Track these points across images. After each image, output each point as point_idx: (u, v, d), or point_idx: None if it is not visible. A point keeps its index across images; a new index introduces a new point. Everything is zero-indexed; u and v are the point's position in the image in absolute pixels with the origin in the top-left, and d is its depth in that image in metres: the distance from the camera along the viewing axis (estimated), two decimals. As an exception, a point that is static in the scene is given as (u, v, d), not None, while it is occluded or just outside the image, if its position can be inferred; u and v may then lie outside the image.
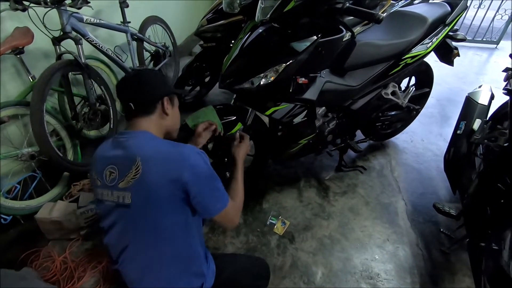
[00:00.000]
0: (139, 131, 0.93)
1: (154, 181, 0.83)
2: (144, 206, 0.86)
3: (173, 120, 1.03)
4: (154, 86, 0.98)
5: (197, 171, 0.85)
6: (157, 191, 0.84)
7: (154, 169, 0.84)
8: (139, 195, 0.86)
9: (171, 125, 1.03)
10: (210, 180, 0.89)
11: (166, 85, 1.02)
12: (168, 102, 0.99)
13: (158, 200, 0.84)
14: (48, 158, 1.57)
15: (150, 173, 0.83)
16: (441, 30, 1.68)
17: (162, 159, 0.85)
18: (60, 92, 1.84)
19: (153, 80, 0.98)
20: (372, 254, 1.52)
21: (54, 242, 1.54)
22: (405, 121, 2.18)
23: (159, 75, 1.04)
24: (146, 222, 0.88)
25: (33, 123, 1.49)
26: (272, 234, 1.61)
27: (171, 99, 1.01)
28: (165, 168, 0.84)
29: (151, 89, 0.97)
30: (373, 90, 1.67)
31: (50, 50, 1.75)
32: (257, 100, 1.37)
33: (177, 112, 1.06)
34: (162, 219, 0.87)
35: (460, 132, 1.56)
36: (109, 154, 0.92)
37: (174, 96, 1.04)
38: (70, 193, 1.75)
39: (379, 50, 1.55)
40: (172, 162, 0.84)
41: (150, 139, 0.91)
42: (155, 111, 0.96)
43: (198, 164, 0.86)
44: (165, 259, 0.89)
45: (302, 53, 1.20)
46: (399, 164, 2.11)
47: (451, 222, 1.61)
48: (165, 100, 0.97)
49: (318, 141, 1.67)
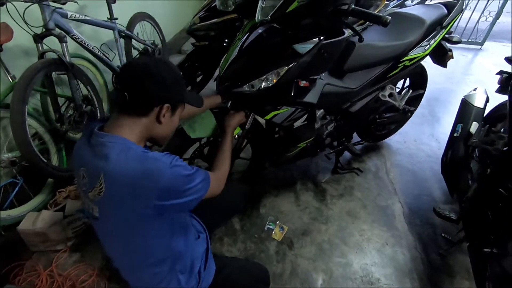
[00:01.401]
0: (116, 136, 0.78)
1: (118, 203, 0.75)
2: (112, 224, 0.81)
3: (166, 130, 0.89)
4: (163, 85, 0.80)
5: (171, 193, 0.77)
6: (123, 214, 0.77)
7: (119, 191, 0.74)
8: (105, 212, 0.80)
9: (161, 134, 0.89)
10: (187, 189, 0.81)
11: (177, 89, 0.85)
12: (169, 110, 0.84)
13: (125, 221, 0.78)
14: (30, 164, 1.46)
15: (114, 194, 0.75)
16: (438, 32, 1.68)
17: (129, 182, 0.73)
18: (43, 93, 1.72)
19: (165, 77, 0.81)
20: (372, 258, 1.51)
21: (39, 254, 1.45)
22: (400, 122, 2.18)
23: (176, 74, 0.85)
24: (115, 237, 0.85)
25: (14, 126, 1.38)
26: (270, 240, 1.57)
27: (175, 107, 0.87)
28: (132, 193, 0.73)
29: (157, 87, 0.79)
30: (371, 92, 1.65)
31: (32, 48, 1.64)
32: (257, 104, 1.31)
33: (174, 123, 0.90)
34: (133, 237, 0.82)
35: (457, 135, 1.56)
36: (84, 153, 0.81)
37: (180, 105, 0.90)
38: (55, 200, 1.65)
39: (378, 52, 1.53)
40: (139, 188, 0.73)
41: (123, 150, 0.75)
42: (149, 114, 0.82)
43: (170, 184, 0.76)
44: (146, 264, 0.86)
45: (305, 55, 1.16)
46: (393, 165, 2.11)
47: (448, 224, 1.62)
48: (165, 107, 0.83)
49: (316, 144, 1.64)
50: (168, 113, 0.85)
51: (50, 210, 1.53)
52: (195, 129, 1.28)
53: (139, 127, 0.82)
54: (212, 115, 1.33)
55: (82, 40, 1.84)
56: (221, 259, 1.09)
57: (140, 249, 0.84)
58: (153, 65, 0.80)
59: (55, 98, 1.68)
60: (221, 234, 1.58)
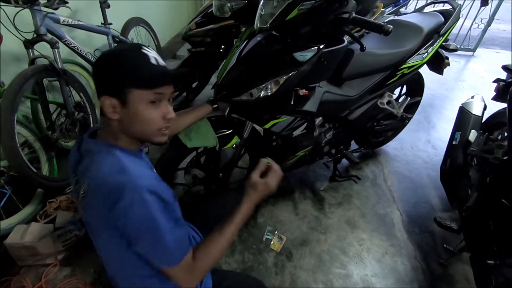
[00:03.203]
0: (99, 142, 0.74)
1: (95, 213, 0.70)
2: (92, 233, 0.78)
3: (136, 125, 0.72)
4: (104, 74, 0.70)
5: (130, 217, 0.65)
6: (96, 226, 0.73)
7: (95, 201, 0.68)
8: (87, 220, 0.76)
9: (136, 131, 0.73)
10: (150, 230, 0.66)
11: (118, 76, 0.68)
12: (110, 102, 0.69)
13: (100, 235, 0.74)
14: (19, 174, 1.40)
15: (91, 203, 0.69)
16: (436, 40, 1.68)
17: (102, 194, 0.66)
18: (33, 100, 1.67)
19: (109, 64, 0.69)
20: (372, 269, 1.48)
21: (27, 269, 1.38)
22: (397, 129, 2.18)
23: (127, 57, 0.69)
24: (103, 247, 0.79)
25: (2, 135, 1.32)
26: (268, 251, 1.53)
27: (124, 97, 0.69)
28: (101, 206, 0.66)
29: (99, 77, 0.71)
30: (369, 100, 1.64)
31: (22, 54, 1.58)
32: (255, 113, 1.29)
33: (141, 114, 0.71)
34: (118, 249, 0.73)
35: (455, 142, 1.55)
36: (74, 160, 0.77)
37: (130, 91, 0.69)
38: (45, 211, 1.59)
39: (377, 60, 1.52)
40: (106, 203, 0.65)
41: (105, 157, 0.70)
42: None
43: (130, 212, 0.64)
44: (138, 275, 0.78)
45: (305, 64, 1.14)
46: (391, 172, 2.10)
47: (447, 233, 1.60)
48: (104, 99, 0.69)
49: (315, 153, 1.61)
50: (114, 105, 0.70)
51: (39, 222, 1.47)
52: (192, 138, 1.25)
53: (110, 127, 0.74)
54: (208, 123, 1.29)
55: (74, 45, 1.80)
56: (220, 273, 1.05)
57: (130, 260, 0.76)
58: (107, 54, 0.71)
59: (46, 105, 1.62)
60: (218, 245, 1.54)
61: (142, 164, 0.76)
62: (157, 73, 0.70)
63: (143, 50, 0.71)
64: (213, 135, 1.29)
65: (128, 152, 0.74)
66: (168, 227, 0.68)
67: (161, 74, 0.71)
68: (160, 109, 0.73)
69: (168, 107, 0.75)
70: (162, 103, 0.74)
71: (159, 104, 0.73)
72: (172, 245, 0.69)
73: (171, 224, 0.69)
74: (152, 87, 0.70)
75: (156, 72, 0.70)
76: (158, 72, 0.71)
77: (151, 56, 0.71)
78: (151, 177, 0.72)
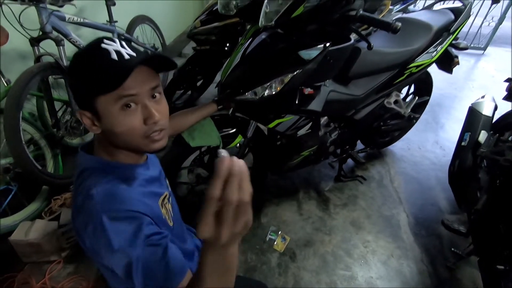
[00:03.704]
0: (95, 159, 0.67)
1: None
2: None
3: (115, 135, 0.61)
4: (72, 85, 0.63)
5: (89, 231, 0.57)
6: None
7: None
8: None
9: (119, 142, 0.63)
10: (108, 252, 0.55)
11: (80, 85, 0.60)
12: (85, 116, 0.61)
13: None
14: (24, 171, 1.41)
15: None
16: (445, 38, 1.64)
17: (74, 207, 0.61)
18: (39, 97, 1.67)
19: (73, 72, 0.60)
20: (377, 271, 1.46)
21: (32, 266, 1.39)
22: (404, 129, 2.14)
23: (83, 59, 0.59)
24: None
25: (7, 132, 1.33)
26: (272, 251, 1.52)
27: (94, 109, 0.59)
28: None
29: (71, 90, 0.64)
30: (376, 99, 1.61)
31: (28, 52, 1.59)
32: (259, 112, 1.27)
33: (116, 121, 0.59)
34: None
35: (464, 143, 1.51)
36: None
37: (96, 100, 0.58)
38: (50, 208, 1.59)
39: (384, 59, 1.49)
40: (75, 216, 0.60)
41: (83, 172, 0.64)
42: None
43: (84, 229, 0.57)
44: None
45: (310, 62, 1.12)
46: (398, 173, 2.07)
47: (455, 235, 1.56)
48: (80, 114, 0.62)
49: (320, 153, 1.59)
50: (91, 119, 0.62)
51: (44, 219, 1.48)
52: (195, 137, 1.24)
53: (100, 142, 0.67)
54: (212, 122, 1.28)
55: (80, 43, 1.80)
56: None
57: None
58: (72, 61, 0.61)
59: (51, 102, 1.63)
60: (221, 245, 1.52)
61: (134, 185, 0.66)
62: (116, 69, 0.56)
63: (103, 45, 0.57)
64: (216, 134, 1.28)
65: (124, 167, 0.67)
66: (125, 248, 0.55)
67: (120, 69, 0.56)
68: (138, 113, 0.60)
69: (148, 109, 0.60)
70: (139, 106, 0.60)
71: (136, 108, 0.60)
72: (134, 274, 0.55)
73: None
74: (113, 88, 0.56)
75: (115, 69, 0.56)
76: (117, 68, 0.56)
77: (113, 49, 0.57)
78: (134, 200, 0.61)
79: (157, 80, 0.63)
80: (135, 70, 0.57)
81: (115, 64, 0.56)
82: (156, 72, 0.63)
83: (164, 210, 0.71)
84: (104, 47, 0.57)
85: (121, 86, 0.56)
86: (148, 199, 0.66)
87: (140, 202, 0.61)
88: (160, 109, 0.63)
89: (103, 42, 0.58)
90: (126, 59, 0.57)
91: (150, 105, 0.61)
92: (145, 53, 0.61)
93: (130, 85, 0.57)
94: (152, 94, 0.62)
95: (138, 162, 0.71)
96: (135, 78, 0.58)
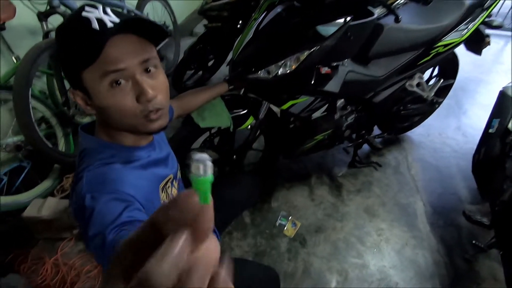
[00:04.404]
0: (95, 139, 0.64)
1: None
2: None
3: (107, 115, 0.57)
4: (59, 61, 0.61)
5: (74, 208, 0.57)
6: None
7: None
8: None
9: (113, 122, 0.58)
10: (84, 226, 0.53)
11: (65, 61, 0.56)
12: (77, 95, 0.58)
13: None
14: (34, 149, 1.41)
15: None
16: (478, 15, 1.49)
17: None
18: (49, 75, 1.65)
19: (58, 47, 0.56)
20: (390, 260, 1.41)
21: (45, 242, 1.41)
22: (425, 114, 2.02)
23: (65, 31, 0.55)
24: None
25: (17, 110, 1.32)
26: (282, 236, 1.49)
27: (82, 86, 0.55)
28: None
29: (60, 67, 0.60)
30: (398, 81, 1.50)
31: (37, 27, 1.55)
32: (272, 92, 1.20)
33: (102, 100, 0.55)
34: None
35: (492, 130, 1.41)
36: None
37: (82, 76, 0.54)
38: (62, 186, 1.61)
39: (409, 37, 1.37)
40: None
41: (82, 153, 0.62)
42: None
43: (74, 209, 0.57)
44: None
45: (329, 38, 1.03)
46: (416, 160, 1.97)
47: (474, 227, 1.49)
48: (71, 93, 0.59)
49: (334, 137, 1.52)
50: (83, 98, 0.58)
51: (56, 197, 1.50)
52: (205, 117, 1.19)
53: (98, 122, 0.63)
54: (223, 103, 1.22)
55: (89, 19, 1.75)
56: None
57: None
58: (55, 34, 0.57)
59: (61, 80, 1.60)
60: (231, 228, 1.51)
61: (134, 169, 0.62)
62: (94, 39, 0.49)
63: (83, 14, 0.51)
64: (227, 115, 1.23)
65: (122, 149, 0.63)
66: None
67: (98, 38, 0.49)
68: (128, 90, 0.54)
69: (140, 85, 0.54)
70: (130, 82, 0.54)
71: (127, 84, 0.54)
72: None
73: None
74: (91, 61, 0.50)
75: (93, 39, 0.49)
76: (96, 37, 0.49)
77: (94, 17, 0.50)
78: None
79: (150, 51, 0.55)
80: (121, 40, 0.51)
81: (94, 34, 0.50)
82: (150, 42, 0.56)
83: (164, 195, 0.68)
84: (85, 16, 0.51)
85: (105, 60, 0.50)
86: (147, 181, 0.62)
87: (131, 185, 0.57)
88: (156, 85, 0.56)
89: (84, 10, 0.52)
90: (109, 27, 0.50)
91: (143, 81, 0.54)
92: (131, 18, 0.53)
93: (115, 58, 0.51)
94: (146, 68, 0.55)
95: (139, 143, 0.66)
96: (121, 49, 0.51)
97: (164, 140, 0.81)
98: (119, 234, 0.48)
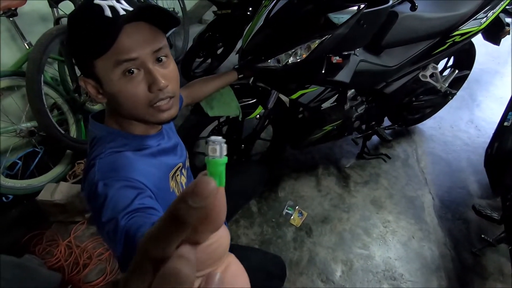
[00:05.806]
0: (105, 128, 0.64)
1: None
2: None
3: (118, 104, 0.57)
4: (69, 49, 0.60)
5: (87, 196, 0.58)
6: None
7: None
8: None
9: (123, 111, 0.59)
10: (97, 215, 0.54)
11: (77, 49, 0.56)
12: (88, 84, 0.58)
13: None
14: (47, 134, 1.44)
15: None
16: (499, 2, 1.43)
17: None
18: (60, 62, 1.67)
19: (69, 35, 0.56)
20: (396, 252, 1.42)
21: (58, 225, 1.46)
22: (438, 106, 1.97)
23: (77, 19, 0.54)
24: None
25: (30, 96, 1.34)
26: (288, 225, 1.50)
27: (94, 75, 0.55)
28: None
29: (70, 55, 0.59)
30: (410, 72, 1.47)
31: (49, 13, 1.56)
32: (282, 81, 1.19)
33: (114, 89, 0.55)
34: None
35: (508, 124, 1.37)
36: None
37: (94, 65, 0.54)
38: (74, 172, 1.65)
39: (424, 25, 1.33)
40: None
41: (93, 141, 0.63)
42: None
43: (86, 197, 0.57)
44: None
45: (341, 26, 1.00)
46: (425, 153, 1.95)
47: (483, 222, 1.48)
48: (81, 81, 0.59)
49: (344, 128, 1.51)
50: (94, 87, 0.58)
51: (68, 182, 1.53)
52: (213, 106, 1.19)
53: (109, 110, 0.64)
54: (232, 91, 1.22)
55: (99, 5, 1.74)
56: (239, 250, 1.01)
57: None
58: (67, 22, 0.56)
59: (72, 66, 1.62)
60: (237, 216, 1.53)
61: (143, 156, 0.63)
62: (107, 28, 0.49)
63: (96, 1, 0.51)
64: (236, 104, 1.22)
65: (132, 138, 0.63)
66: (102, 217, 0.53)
67: (112, 27, 0.49)
68: (141, 79, 0.55)
69: (153, 74, 0.54)
70: (142, 71, 0.55)
71: (139, 73, 0.54)
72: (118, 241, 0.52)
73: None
74: (104, 50, 0.50)
75: (106, 28, 0.49)
76: (109, 26, 0.49)
77: (106, 5, 0.50)
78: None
79: (162, 40, 0.56)
80: (134, 28, 0.51)
81: (107, 22, 0.50)
82: (162, 31, 0.56)
83: (173, 183, 0.69)
84: (97, 3, 0.50)
85: (118, 49, 0.51)
86: (157, 170, 0.63)
87: (141, 173, 0.58)
88: (167, 74, 0.57)
89: None
90: (121, 15, 0.50)
91: (155, 70, 0.54)
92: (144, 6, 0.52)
93: (128, 47, 0.51)
94: (158, 57, 0.56)
95: (149, 132, 0.67)
96: (134, 38, 0.51)
97: (173, 129, 0.82)
98: (131, 221, 0.49)
